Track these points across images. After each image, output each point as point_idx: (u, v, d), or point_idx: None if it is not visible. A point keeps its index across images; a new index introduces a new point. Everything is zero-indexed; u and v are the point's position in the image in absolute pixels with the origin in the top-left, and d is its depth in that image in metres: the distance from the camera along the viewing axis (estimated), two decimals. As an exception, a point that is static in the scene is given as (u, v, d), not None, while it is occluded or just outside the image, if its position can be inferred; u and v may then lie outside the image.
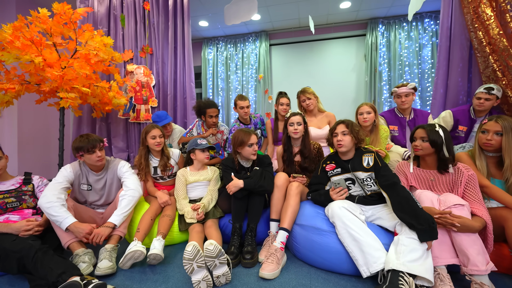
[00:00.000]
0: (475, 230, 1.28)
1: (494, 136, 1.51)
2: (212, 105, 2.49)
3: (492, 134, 1.52)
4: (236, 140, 1.87)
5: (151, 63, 3.14)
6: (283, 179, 1.78)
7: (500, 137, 1.49)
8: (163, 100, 3.15)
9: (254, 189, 1.71)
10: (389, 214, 1.49)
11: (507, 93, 2.16)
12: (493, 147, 1.52)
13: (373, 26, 4.15)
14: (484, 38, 2.23)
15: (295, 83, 4.54)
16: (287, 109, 2.57)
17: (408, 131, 2.40)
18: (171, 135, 2.71)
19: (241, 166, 1.94)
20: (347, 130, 1.63)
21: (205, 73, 4.93)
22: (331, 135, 1.70)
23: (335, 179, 1.69)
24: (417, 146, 1.58)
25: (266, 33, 4.62)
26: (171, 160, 2.14)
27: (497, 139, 1.50)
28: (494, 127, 1.51)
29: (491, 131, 1.52)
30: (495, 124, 1.51)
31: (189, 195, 2.03)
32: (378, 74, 4.07)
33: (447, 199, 1.39)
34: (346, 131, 1.63)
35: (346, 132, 1.63)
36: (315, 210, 1.63)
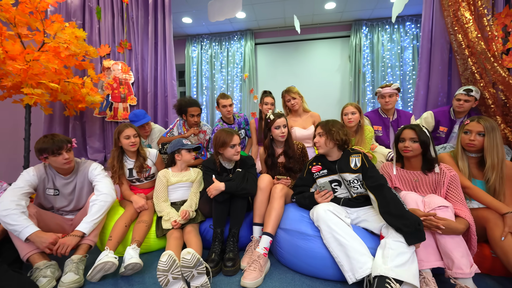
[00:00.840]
0: (459, 232, 1.26)
1: (477, 136, 1.51)
2: (194, 104, 2.37)
3: (475, 134, 1.51)
4: (217, 140, 1.77)
5: (130, 59, 2.97)
6: (266, 181, 1.70)
7: (482, 137, 1.49)
8: (142, 98, 2.98)
9: (236, 192, 1.62)
10: (375, 216, 1.44)
11: (485, 95, 2.20)
12: (476, 147, 1.52)
13: (357, 27, 4.17)
14: (463, 41, 2.26)
15: (280, 83, 4.48)
16: (271, 109, 2.50)
17: (392, 131, 2.40)
18: (150, 135, 2.56)
19: (223, 168, 1.84)
20: (322, 131, 1.59)
21: (189, 71, 4.77)
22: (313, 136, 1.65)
23: (321, 181, 1.63)
24: (407, 148, 1.53)
25: (252, 31, 4.53)
26: (148, 160, 2.00)
27: (479, 140, 1.50)
28: (477, 127, 1.51)
29: (474, 132, 1.52)
30: (477, 125, 1.51)
31: (170, 197, 1.92)
32: (362, 75, 4.10)
33: (432, 200, 1.37)
34: (321, 132, 1.59)
35: (321, 133, 1.60)
36: (300, 213, 1.56)
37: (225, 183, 1.61)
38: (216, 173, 1.79)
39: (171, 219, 1.70)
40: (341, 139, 1.53)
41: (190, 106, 2.36)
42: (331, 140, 1.57)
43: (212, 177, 1.69)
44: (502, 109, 2.16)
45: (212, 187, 1.62)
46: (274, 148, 1.98)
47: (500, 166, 1.45)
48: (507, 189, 1.45)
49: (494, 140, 1.46)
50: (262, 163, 2.07)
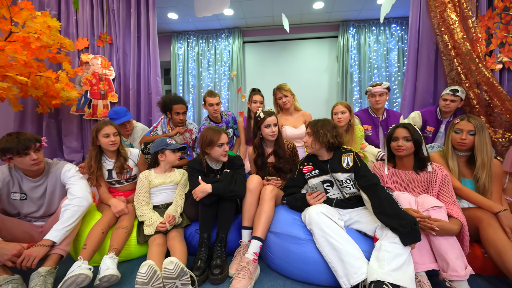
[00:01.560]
0: (453, 233, 1.22)
1: (468, 135, 1.49)
2: (179, 101, 2.23)
3: (466, 133, 1.50)
4: (204, 139, 1.65)
5: (111, 53, 2.78)
6: (256, 182, 1.61)
7: (473, 136, 1.48)
8: (124, 95, 2.80)
9: (224, 194, 1.51)
10: (368, 217, 1.39)
11: (470, 95, 2.22)
12: (467, 146, 1.50)
13: (344, 28, 4.17)
14: (449, 41, 2.27)
15: (268, 82, 4.39)
16: (260, 107, 2.41)
17: (381, 131, 2.38)
18: (131, 134, 2.40)
19: (210, 169, 1.73)
20: (310, 131, 1.55)
21: (175, 69, 4.60)
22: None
23: (312, 182, 1.56)
24: (401, 147, 1.48)
25: (240, 29, 4.43)
26: (129, 161, 1.86)
27: (470, 138, 1.48)
28: (467, 126, 1.49)
29: (465, 131, 1.50)
30: (468, 124, 1.50)
31: (153, 200, 1.78)
32: (349, 76, 4.10)
33: (425, 201, 1.33)
34: (310, 132, 1.55)
35: (309, 133, 1.55)
36: (291, 216, 1.48)
37: (212, 185, 1.51)
38: (203, 174, 1.68)
39: (154, 224, 1.57)
40: (327, 141, 1.45)
41: (175, 103, 2.22)
42: (317, 142, 1.51)
43: (198, 179, 1.57)
44: (486, 109, 2.19)
45: (198, 189, 1.51)
46: (264, 148, 1.89)
47: (489, 164, 1.44)
48: (494, 187, 1.44)
49: (484, 139, 1.45)
50: (251, 163, 1.97)
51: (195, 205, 1.61)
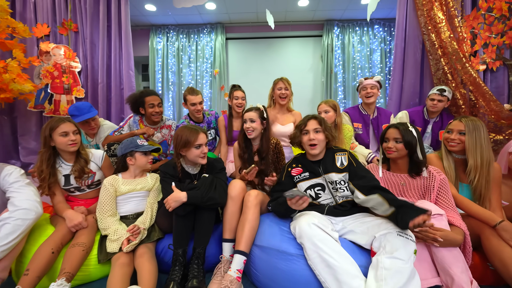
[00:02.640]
0: (457, 244, 1.09)
1: (458, 135, 1.39)
2: (152, 93, 1.98)
3: (456, 133, 1.39)
4: (178, 140, 1.42)
5: (76, 43, 2.44)
6: (238, 188, 1.40)
7: (463, 136, 1.37)
8: (92, 90, 2.48)
9: (201, 203, 1.29)
10: (363, 227, 1.22)
11: (456, 95, 2.16)
12: (457, 147, 1.40)
13: (329, 27, 4.07)
14: (436, 40, 2.20)
15: (252, 80, 4.23)
16: (242, 104, 2.21)
17: (372, 129, 2.27)
18: (98, 133, 2.10)
19: (186, 173, 1.50)
20: (320, 127, 1.36)
21: (153, 65, 4.27)
22: (299, 132, 1.38)
23: (302, 186, 1.39)
24: (390, 148, 1.37)
25: (223, 25, 4.19)
26: (91, 164, 1.58)
27: (461, 139, 1.38)
28: (458, 126, 1.40)
29: (455, 130, 1.40)
30: (458, 123, 1.40)
31: (120, 210, 1.52)
32: (334, 75, 4.01)
33: (423, 207, 1.19)
34: (319, 129, 1.36)
35: (319, 129, 1.35)
36: (278, 227, 1.29)
37: (187, 193, 1.28)
38: (177, 180, 1.44)
39: (120, 239, 1.31)
40: (334, 137, 1.37)
41: (147, 95, 1.96)
42: (324, 139, 1.38)
43: (171, 185, 1.34)
44: (471, 110, 2.14)
45: (170, 197, 1.28)
46: (250, 143, 1.71)
47: (486, 168, 1.33)
48: (493, 194, 1.34)
49: (478, 140, 1.34)
50: (236, 159, 1.78)
51: (168, 215, 1.37)
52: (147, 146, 1.58)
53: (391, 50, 4.00)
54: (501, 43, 2.15)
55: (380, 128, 2.20)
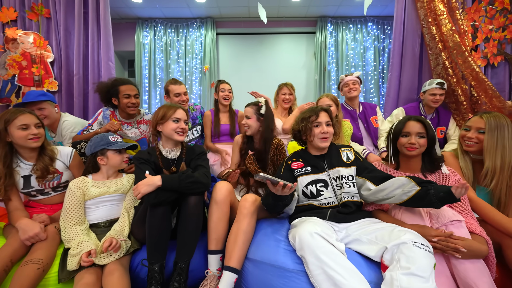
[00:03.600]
0: (482, 256, 0.93)
1: (476, 133, 1.23)
2: (127, 81, 1.76)
3: (474, 131, 1.24)
4: (156, 115, 1.29)
5: (48, 30, 2.18)
6: (225, 190, 1.20)
7: (482, 135, 1.21)
8: (67, 83, 2.21)
9: (181, 187, 1.09)
10: (370, 234, 1.04)
11: (457, 91, 2.04)
12: (474, 147, 1.24)
13: (322, 24, 3.93)
14: (436, 33, 2.07)
15: (244, 77, 4.04)
16: (229, 96, 2.10)
17: (361, 123, 2.13)
18: (59, 128, 1.81)
19: (165, 159, 1.30)
20: (330, 121, 1.25)
21: (140, 60, 4.00)
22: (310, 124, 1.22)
23: (303, 180, 1.21)
24: (413, 144, 1.17)
25: (213, 20, 3.97)
26: (57, 163, 1.34)
27: (479, 137, 1.22)
28: (477, 123, 1.23)
29: (473, 128, 1.24)
30: (478, 120, 1.23)
31: (90, 217, 1.29)
32: (327, 73, 3.87)
33: (440, 213, 1.03)
34: (330, 122, 1.25)
35: (329, 123, 1.25)
36: (274, 236, 1.09)
37: (161, 175, 1.08)
38: (154, 167, 1.25)
39: (82, 252, 1.08)
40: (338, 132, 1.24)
41: (122, 83, 1.72)
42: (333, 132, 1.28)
43: (144, 173, 1.13)
44: (473, 106, 2.02)
45: (141, 182, 1.07)
46: (252, 140, 1.59)
47: (508, 172, 1.15)
48: None
49: (500, 140, 1.16)
50: (234, 153, 1.64)
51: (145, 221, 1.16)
52: (121, 143, 1.36)
53: (385, 48, 3.90)
54: (502, 37, 2.04)
55: (369, 122, 2.13)
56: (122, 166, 1.37)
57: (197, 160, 1.29)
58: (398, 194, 1.07)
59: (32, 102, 1.64)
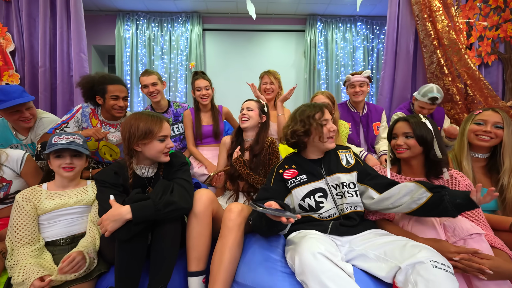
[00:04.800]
0: (510, 277, 0.79)
1: (493, 128, 1.12)
2: (117, 80, 1.51)
3: (491, 125, 1.13)
4: (134, 130, 1.00)
5: (8, 16, 1.88)
6: (205, 199, 1.00)
7: (500, 130, 1.10)
8: (30, 75, 1.92)
9: (157, 215, 0.88)
10: (378, 249, 0.88)
11: (453, 90, 1.95)
12: (490, 142, 1.13)
13: (312, 22, 3.80)
14: (432, 30, 1.97)
15: (232, 75, 3.84)
16: (208, 94, 1.78)
17: (361, 128, 1.97)
18: (34, 128, 1.57)
19: (139, 179, 1.07)
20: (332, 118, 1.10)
21: (121, 56, 3.70)
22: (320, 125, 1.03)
23: (299, 192, 1.03)
24: (401, 146, 1.07)
25: (199, 15, 3.74)
26: (4, 169, 1.10)
27: (497, 132, 1.11)
28: (493, 117, 1.13)
29: (490, 122, 1.13)
30: (494, 115, 1.13)
31: (45, 235, 1.06)
32: (317, 72, 3.74)
33: (457, 224, 0.89)
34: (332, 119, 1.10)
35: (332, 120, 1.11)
36: (267, 254, 0.91)
37: (131, 206, 0.86)
38: (120, 191, 1.01)
39: (27, 281, 0.85)
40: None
41: (112, 82, 1.48)
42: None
43: (109, 199, 0.91)
44: (469, 106, 1.93)
45: (106, 216, 0.86)
46: (242, 138, 1.42)
47: None
48: None
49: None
50: (220, 156, 1.45)
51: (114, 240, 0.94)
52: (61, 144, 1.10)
53: (374, 48, 3.83)
54: (496, 36, 1.97)
55: (370, 127, 1.91)
56: (62, 174, 1.06)
57: (177, 172, 1.07)
58: (406, 203, 0.92)
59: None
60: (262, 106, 1.41)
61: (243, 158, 1.31)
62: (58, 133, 1.12)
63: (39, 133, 1.57)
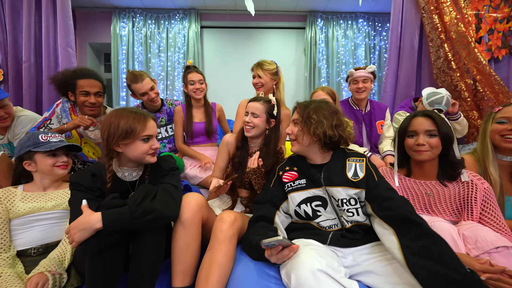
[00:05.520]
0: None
1: None
2: (88, 74, 1.39)
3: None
4: (114, 128, 0.88)
5: (-11, 7, 1.77)
6: (193, 205, 0.88)
7: None
8: (14, 72, 1.81)
9: (132, 224, 0.76)
10: (388, 266, 0.77)
11: (461, 86, 1.82)
12: None
13: (312, 19, 3.67)
14: (439, 23, 1.84)
15: (231, 74, 3.72)
16: (201, 88, 1.66)
17: (364, 126, 1.85)
18: (12, 127, 1.46)
19: (121, 183, 0.95)
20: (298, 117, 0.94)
21: (116, 54, 3.58)
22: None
23: (295, 198, 0.91)
24: (422, 146, 0.92)
25: (197, 11, 3.62)
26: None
27: None
28: None
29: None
30: None
31: (17, 242, 0.95)
32: (317, 70, 3.62)
33: (479, 235, 0.76)
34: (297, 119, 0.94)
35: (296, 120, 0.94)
36: (261, 269, 0.79)
37: (102, 213, 0.74)
38: (98, 195, 0.89)
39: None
40: (323, 133, 0.85)
41: (82, 77, 1.37)
42: (306, 134, 0.89)
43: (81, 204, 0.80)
44: (479, 103, 1.80)
45: (74, 225, 0.74)
46: (247, 143, 1.22)
47: None
48: None
49: None
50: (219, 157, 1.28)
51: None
52: (54, 143, 1.00)
53: (375, 45, 3.70)
54: (506, 29, 1.84)
55: (373, 126, 1.78)
56: (57, 172, 1.01)
57: (164, 177, 0.94)
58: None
59: None
60: (271, 108, 1.17)
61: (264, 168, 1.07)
62: (43, 131, 1.03)
63: (17, 132, 1.45)
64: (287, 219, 0.95)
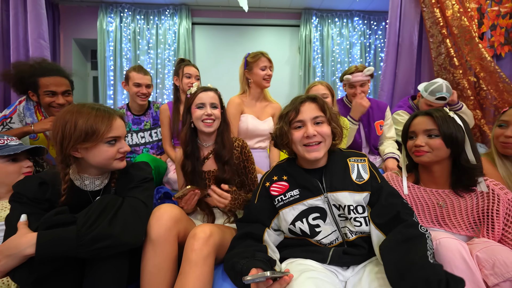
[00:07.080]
0: None
1: None
2: (52, 71, 1.20)
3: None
4: (70, 128, 0.70)
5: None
6: (166, 220, 0.72)
7: None
8: (-22, 65, 1.61)
9: (78, 252, 0.59)
10: None
11: (463, 84, 1.69)
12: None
13: (307, 17, 3.54)
14: (441, 17, 1.72)
15: (223, 72, 3.56)
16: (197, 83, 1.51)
17: (362, 127, 1.70)
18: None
19: (79, 194, 0.78)
20: (323, 115, 0.76)
21: (103, 50, 3.38)
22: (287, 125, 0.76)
23: (287, 214, 0.75)
24: (421, 147, 0.80)
25: (188, 7, 3.45)
26: None
27: None
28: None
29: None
30: None
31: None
32: (312, 69, 3.48)
33: (496, 258, 0.62)
34: (322, 118, 0.76)
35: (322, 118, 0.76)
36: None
37: (39, 234, 0.58)
38: (47, 207, 0.72)
39: None
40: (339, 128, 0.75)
41: (44, 74, 1.17)
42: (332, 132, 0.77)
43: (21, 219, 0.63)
44: (482, 102, 1.68)
45: (1, 248, 0.57)
46: (198, 146, 1.02)
47: None
48: None
49: None
50: (179, 174, 1.07)
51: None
52: (14, 147, 0.83)
53: (371, 44, 3.59)
54: (510, 24, 1.72)
55: (371, 126, 1.64)
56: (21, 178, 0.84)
57: (133, 189, 0.77)
58: None
59: None
60: (221, 97, 1.05)
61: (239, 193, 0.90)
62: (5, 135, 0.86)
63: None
64: (279, 236, 0.80)
